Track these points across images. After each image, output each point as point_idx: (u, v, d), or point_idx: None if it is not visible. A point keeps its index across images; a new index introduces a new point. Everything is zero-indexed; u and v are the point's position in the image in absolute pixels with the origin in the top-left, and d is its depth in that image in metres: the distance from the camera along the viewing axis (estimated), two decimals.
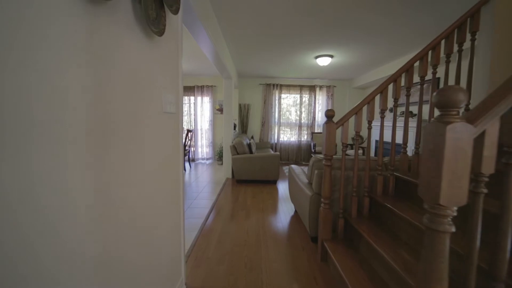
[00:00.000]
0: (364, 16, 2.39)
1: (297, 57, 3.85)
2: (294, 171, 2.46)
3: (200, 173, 4.64)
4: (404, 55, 3.74)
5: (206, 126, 5.88)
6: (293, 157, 5.96)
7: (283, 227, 2.24)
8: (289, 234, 2.08)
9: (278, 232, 2.12)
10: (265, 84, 5.73)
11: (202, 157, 5.92)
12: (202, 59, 4.15)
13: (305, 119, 5.91)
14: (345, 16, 2.38)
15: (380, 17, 2.41)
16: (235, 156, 3.73)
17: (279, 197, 3.17)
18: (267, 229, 2.19)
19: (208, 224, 2.28)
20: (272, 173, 3.74)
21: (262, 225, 2.26)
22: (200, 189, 3.45)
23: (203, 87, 5.70)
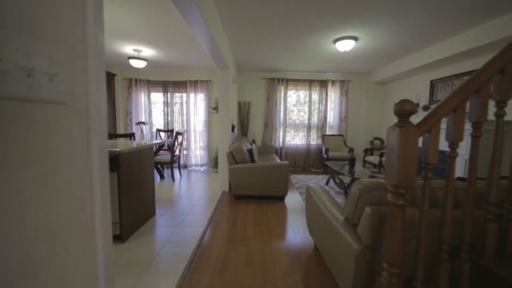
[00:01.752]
0: None
1: (310, 42, 3.15)
2: (317, 194, 1.75)
3: (192, 182, 3.94)
4: (440, 41, 3.02)
5: (201, 127, 5.19)
6: (301, 163, 5.26)
7: (300, 280, 1.53)
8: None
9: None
10: (269, 78, 5.03)
11: (196, 162, 5.22)
12: (195, 48, 3.46)
13: (315, 119, 5.21)
14: None
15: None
16: (233, 166, 3.02)
17: (290, 221, 2.46)
18: (279, 285, 1.48)
19: (190, 273, 1.57)
20: (279, 187, 3.03)
21: (270, 277, 1.55)
22: (188, 209, 2.74)
23: (196, 82, 5.01)
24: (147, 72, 5.00)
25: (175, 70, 5.04)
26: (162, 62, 4.38)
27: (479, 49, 2.65)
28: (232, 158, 3.09)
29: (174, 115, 5.15)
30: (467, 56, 2.90)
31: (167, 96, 5.09)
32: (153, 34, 2.96)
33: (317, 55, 3.72)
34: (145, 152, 2.32)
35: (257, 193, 3.07)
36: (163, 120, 5.15)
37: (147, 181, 2.39)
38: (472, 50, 2.70)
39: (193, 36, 2.97)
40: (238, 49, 3.57)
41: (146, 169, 2.35)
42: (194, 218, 2.48)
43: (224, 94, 3.38)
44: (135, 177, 2.15)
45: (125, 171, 1.99)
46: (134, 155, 2.11)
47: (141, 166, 2.25)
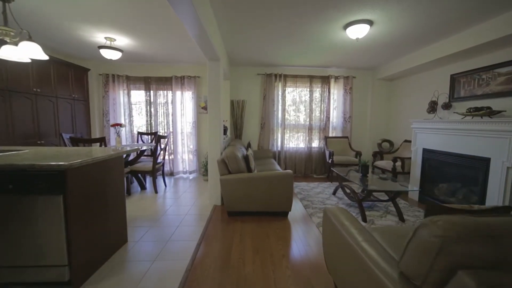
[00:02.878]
0: None
1: (315, 29, 2.71)
2: (342, 223, 1.28)
3: (178, 194, 3.41)
4: (458, 32, 2.65)
5: (188, 129, 4.66)
6: (302, 168, 4.81)
7: None
8: None
9: None
10: (265, 74, 4.57)
11: (184, 169, 4.69)
12: (180, 36, 2.96)
13: (316, 119, 4.78)
14: None
15: None
16: (226, 177, 2.53)
17: (298, 248, 1.99)
18: None
19: None
20: (282, 201, 2.56)
21: None
22: (170, 232, 2.23)
23: (183, 79, 4.49)
24: (126, 66, 4.44)
25: (159, 64, 4.50)
26: (142, 54, 3.84)
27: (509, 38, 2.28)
28: (225, 167, 2.60)
29: (158, 115, 4.60)
30: (492, 47, 2.52)
31: (150, 94, 4.54)
32: (128, 17, 2.44)
33: (322, 45, 3.28)
34: (111, 163, 1.80)
35: (255, 209, 2.59)
36: (146, 121, 4.60)
37: (114, 201, 1.86)
38: (499, 40, 2.32)
39: (176, 20, 2.48)
40: (230, 40, 3.09)
41: (112, 185, 1.83)
42: (177, 246, 1.97)
43: (214, 89, 2.88)
44: (94, 198, 1.63)
45: (77, 191, 1.46)
46: (92, 169, 1.59)
47: (104, 182, 1.73)
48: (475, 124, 2.44)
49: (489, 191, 2.30)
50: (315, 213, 2.74)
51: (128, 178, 3.31)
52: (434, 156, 3.03)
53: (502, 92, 2.49)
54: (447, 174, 2.88)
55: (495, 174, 2.24)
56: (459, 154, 2.66)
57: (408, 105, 4.12)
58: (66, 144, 2.94)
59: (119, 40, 3.12)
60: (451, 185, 2.86)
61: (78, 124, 3.87)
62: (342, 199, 3.27)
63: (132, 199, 3.14)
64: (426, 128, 3.15)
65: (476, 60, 2.83)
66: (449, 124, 2.76)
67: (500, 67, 2.51)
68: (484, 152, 2.35)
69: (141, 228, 2.29)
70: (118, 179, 1.90)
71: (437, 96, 3.29)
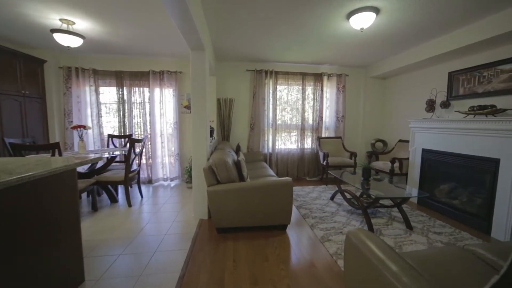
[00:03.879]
0: None
1: (315, 17, 2.43)
2: (378, 257, 0.98)
3: (157, 207, 2.95)
4: (457, 29, 2.54)
5: (169, 130, 4.19)
6: (294, 171, 4.55)
7: None
8: None
9: None
10: (255, 70, 4.24)
11: (164, 175, 4.20)
12: (158, 22, 2.52)
13: (309, 119, 4.55)
14: None
15: None
16: (214, 188, 2.15)
17: (303, 274, 1.68)
18: None
19: None
20: (280, 213, 2.24)
21: None
22: (145, 261, 1.80)
23: (162, 74, 4.01)
24: (93, 59, 3.86)
25: (133, 57, 3.98)
26: (112, 44, 3.32)
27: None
28: (213, 176, 2.22)
29: (134, 115, 4.07)
30: (493, 44, 2.43)
31: (123, 91, 4.00)
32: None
33: (321, 37, 3.01)
34: (55, 181, 1.35)
35: (249, 224, 2.24)
36: (118, 122, 4.04)
37: (62, 229, 1.41)
38: (500, 36, 2.23)
39: (160, 12, 2.06)
40: (216, 28, 2.71)
41: (58, 209, 1.38)
42: (153, 283, 1.56)
43: (199, 85, 2.49)
44: (26, 232, 1.18)
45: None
46: (19, 192, 1.14)
47: (43, 207, 1.28)
48: (481, 123, 2.31)
49: (498, 193, 2.17)
50: (316, 224, 2.46)
51: (94, 190, 2.79)
52: (435, 157, 2.90)
53: (506, 90, 2.39)
54: (449, 175, 2.75)
55: (506, 175, 2.10)
56: (462, 155, 2.54)
57: (403, 104, 4.02)
58: (10, 152, 2.37)
59: (79, 24, 2.60)
60: (454, 187, 2.73)
61: (31, 126, 3.24)
62: (341, 205, 3.03)
63: (98, 217, 2.64)
64: (425, 128, 3.02)
65: (476, 57, 2.74)
66: (452, 123, 2.63)
67: (503, 64, 2.41)
68: (493, 153, 2.23)
69: (107, 258, 1.83)
70: (68, 199, 1.45)
71: (435, 94, 3.18)
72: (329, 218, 2.62)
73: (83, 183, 2.57)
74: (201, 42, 2.23)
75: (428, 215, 2.72)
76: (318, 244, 2.07)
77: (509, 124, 2.08)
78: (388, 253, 0.97)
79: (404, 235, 2.21)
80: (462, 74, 2.87)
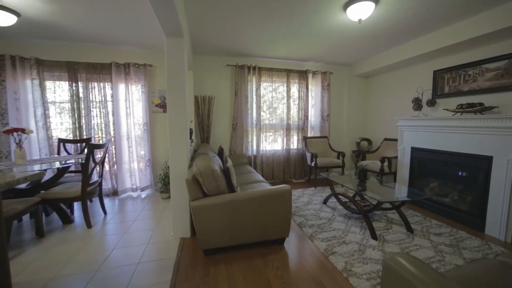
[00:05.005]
0: None
1: (309, 7, 2.21)
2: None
3: (125, 226, 2.45)
4: (441, 28, 2.58)
5: (138, 132, 3.65)
6: (280, 173, 4.35)
7: None
8: None
9: None
10: (236, 65, 3.93)
11: (133, 185, 3.66)
12: (128, 6, 2.07)
13: (294, 118, 4.39)
14: None
15: None
16: (201, 203, 1.80)
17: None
18: None
19: None
20: (277, 226, 1.98)
21: None
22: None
23: (128, 67, 3.47)
24: (37, 45, 3.17)
25: (91, 45, 3.37)
26: (61, 27, 2.72)
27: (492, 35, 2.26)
28: (198, 188, 1.86)
29: (92, 116, 3.45)
30: (477, 43, 2.51)
31: (78, 86, 3.36)
32: None
33: (313, 30, 2.82)
34: None
35: (242, 241, 1.93)
36: (72, 124, 3.39)
37: None
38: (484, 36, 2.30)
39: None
40: (194, 20, 2.34)
41: None
42: None
43: (176, 77, 2.10)
44: None
45: None
46: None
47: None
48: (473, 121, 2.34)
49: (491, 190, 2.20)
50: (315, 233, 2.26)
51: (39, 210, 2.21)
52: (424, 155, 2.92)
53: (492, 88, 2.47)
54: (440, 173, 2.78)
55: (499, 172, 2.14)
56: (454, 153, 2.56)
57: (388, 103, 4.08)
58: None
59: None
60: (445, 185, 2.76)
61: None
62: (335, 209, 2.89)
63: (46, 245, 2.09)
64: (414, 126, 3.03)
65: (461, 56, 2.81)
66: (442, 121, 2.65)
67: (489, 63, 2.48)
68: (485, 150, 2.26)
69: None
70: None
71: (421, 93, 3.23)
72: (326, 225, 2.44)
73: (21, 203, 1.99)
74: (179, 25, 1.85)
75: (423, 215, 2.71)
76: (323, 259, 1.86)
77: (501, 121, 2.11)
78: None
79: (407, 240, 2.12)
80: (447, 72, 2.93)
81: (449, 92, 2.91)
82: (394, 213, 2.72)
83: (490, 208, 2.22)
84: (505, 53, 2.34)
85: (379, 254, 1.88)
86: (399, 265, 0.89)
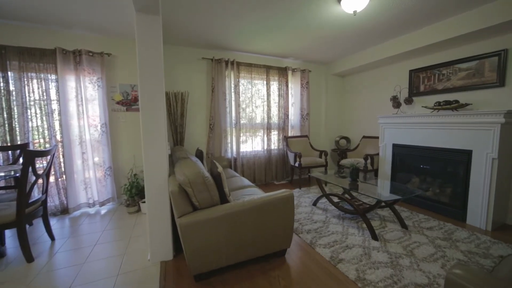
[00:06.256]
0: None
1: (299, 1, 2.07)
2: None
3: (83, 253, 1.94)
4: (418, 29, 2.75)
5: (95, 135, 3.06)
6: (262, 175, 4.17)
7: None
8: None
9: None
10: (212, 59, 3.61)
11: (89, 199, 3.05)
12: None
13: (275, 117, 4.25)
14: None
15: None
16: (190, 219, 1.48)
17: None
18: None
19: None
20: (279, 236, 1.78)
21: None
22: None
23: (79, 55, 2.87)
24: None
25: (27, 25, 2.68)
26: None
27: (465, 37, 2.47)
28: (186, 201, 1.54)
29: (30, 115, 2.76)
30: (450, 45, 2.72)
31: (7, 77, 2.64)
32: None
33: (297, 25, 2.71)
34: None
35: (240, 259, 1.67)
36: (1, 126, 2.65)
37: None
38: (458, 37, 2.50)
39: None
40: (163, 2, 1.99)
41: None
42: None
43: (152, 66, 1.73)
44: None
45: None
46: None
47: None
48: (451, 117, 2.50)
49: (472, 182, 2.36)
50: (315, 240, 2.12)
51: None
52: (405, 151, 3.06)
53: (464, 87, 2.68)
54: (421, 169, 2.93)
55: (479, 166, 2.30)
56: (435, 148, 2.71)
57: (366, 101, 4.22)
58: None
59: None
60: (427, 180, 2.92)
61: None
62: (327, 210, 2.82)
63: None
64: (394, 123, 3.16)
65: (435, 56, 3.01)
66: (422, 118, 2.79)
67: (461, 63, 2.69)
68: (464, 145, 2.42)
69: None
70: None
71: (399, 91, 3.39)
72: (323, 229, 2.32)
73: None
74: (156, 2, 1.50)
75: (409, 209, 2.81)
76: (332, 269, 1.71)
77: (476, 117, 2.28)
78: None
79: (405, 237, 2.13)
80: (423, 72, 3.12)
81: (425, 90, 3.10)
82: (383, 210, 2.76)
83: (471, 200, 2.38)
84: (476, 54, 2.56)
85: (386, 256, 1.82)
86: (465, 279, 0.76)
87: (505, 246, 1.94)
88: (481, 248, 1.93)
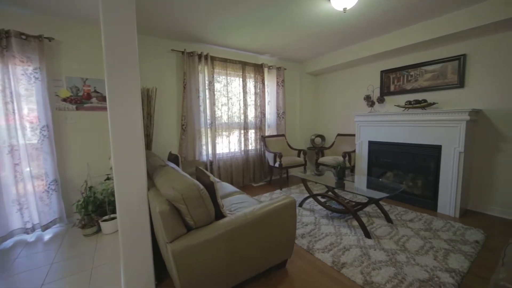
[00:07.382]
0: None
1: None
2: None
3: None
4: (390, 32, 2.97)
5: (33, 140, 2.45)
6: (240, 178, 3.99)
7: None
8: None
9: None
10: (184, 51, 3.26)
11: (26, 224, 2.45)
12: None
13: (251, 116, 4.11)
14: None
15: None
16: (186, 243, 1.23)
17: None
18: None
19: None
20: (280, 246, 1.65)
21: None
22: None
23: (7, 37, 2.25)
24: None
25: None
26: None
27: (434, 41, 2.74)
28: (178, 221, 1.27)
29: None
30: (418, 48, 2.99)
31: None
32: None
33: (284, 22, 2.60)
34: None
35: (241, 279, 1.48)
36: None
37: None
38: (426, 42, 2.76)
39: None
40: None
41: None
42: None
43: (124, 52, 1.39)
44: None
45: None
46: None
47: None
48: (422, 115, 2.73)
49: (441, 174, 2.62)
50: (311, 244, 2.05)
51: None
52: (381, 148, 3.25)
53: (430, 87, 2.97)
54: (396, 163, 3.15)
55: (448, 159, 2.56)
56: (408, 144, 2.93)
57: (340, 100, 4.38)
58: None
59: None
60: (401, 174, 3.14)
61: None
62: (314, 211, 2.80)
63: None
64: (370, 121, 3.33)
65: (404, 58, 3.26)
66: (395, 116, 3.00)
67: (427, 65, 2.97)
68: (434, 140, 2.67)
69: None
70: None
71: (372, 90, 3.60)
72: (316, 232, 2.28)
73: None
74: None
75: (388, 203, 2.99)
76: (337, 275, 1.65)
77: (443, 115, 2.54)
78: None
79: (394, 232, 2.23)
80: (393, 72, 3.36)
81: (395, 90, 3.35)
82: (368, 207, 2.87)
83: (441, 190, 2.64)
84: (440, 58, 2.85)
85: (383, 254, 1.85)
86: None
87: (476, 231, 2.19)
88: (458, 235, 2.13)
